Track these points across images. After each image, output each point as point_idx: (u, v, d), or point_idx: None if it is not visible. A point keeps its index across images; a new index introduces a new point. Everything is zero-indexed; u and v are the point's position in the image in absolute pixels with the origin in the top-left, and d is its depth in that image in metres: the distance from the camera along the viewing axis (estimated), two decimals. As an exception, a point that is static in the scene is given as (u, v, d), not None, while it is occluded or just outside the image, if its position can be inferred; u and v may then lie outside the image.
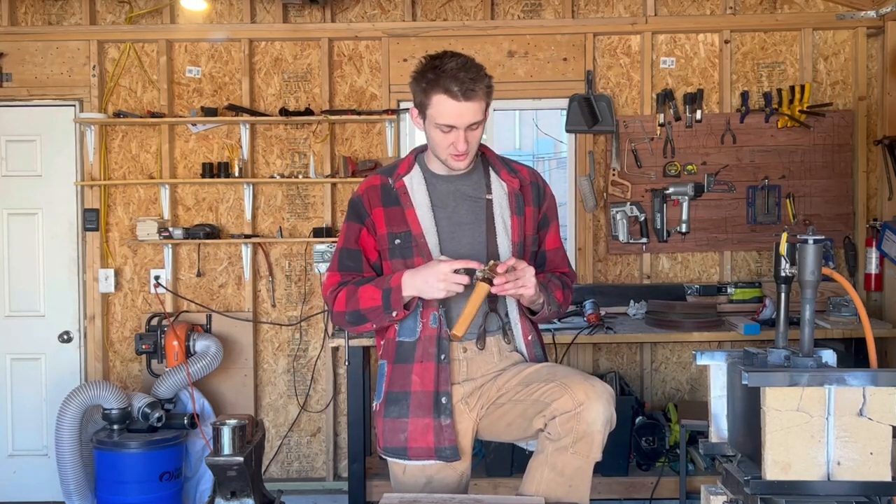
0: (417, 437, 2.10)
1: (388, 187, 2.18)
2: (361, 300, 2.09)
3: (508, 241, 2.16)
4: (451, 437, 2.09)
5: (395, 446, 2.13)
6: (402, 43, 4.38)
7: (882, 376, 1.78)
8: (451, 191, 2.18)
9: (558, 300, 2.19)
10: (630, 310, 4.21)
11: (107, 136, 4.41)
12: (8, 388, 4.41)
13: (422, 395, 2.10)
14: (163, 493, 3.85)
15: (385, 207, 2.16)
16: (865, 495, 1.80)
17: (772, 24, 4.35)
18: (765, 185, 4.34)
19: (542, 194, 2.27)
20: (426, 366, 2.11)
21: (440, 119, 2.03)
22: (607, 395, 1.99)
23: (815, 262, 1.91)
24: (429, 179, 2.19)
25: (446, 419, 2.09)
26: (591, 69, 4.35)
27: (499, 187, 2.20)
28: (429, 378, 2.10)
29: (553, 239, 2.30)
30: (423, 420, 2.10)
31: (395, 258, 2.14)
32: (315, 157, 4.35)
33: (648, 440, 4.04)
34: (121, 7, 4.40)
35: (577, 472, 2.01)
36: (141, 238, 4.28)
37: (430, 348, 2.11)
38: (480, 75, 2.03)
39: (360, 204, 2.19)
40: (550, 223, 2.28)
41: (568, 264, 2.34)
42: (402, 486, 2.19)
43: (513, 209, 2.18)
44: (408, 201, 2.15)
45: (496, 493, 3.79)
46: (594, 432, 1.96)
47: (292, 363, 4.46)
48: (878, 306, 4.30)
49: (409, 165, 2.22)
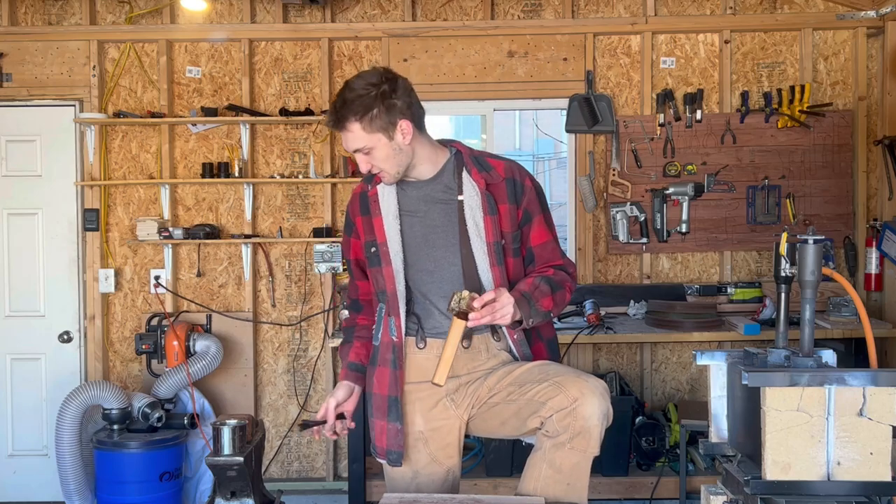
0: (378, 437, 2.21)
1: (364, 195, 2.25)
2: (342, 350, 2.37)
3: (482, 243, 2.13)
4: (399, 443, 2.17)
5: (373, 443, 2.25)
6: (402, 43, 4.38)
7: (882, 376, 1.78)
8: (421, 196, 2.18)
9: (545, 308, 2.10)
10: (630, 310, 4.21)
11: (107, 136, 4.41)
12: (8, 388, 4.41)
13: (379, 398, 2.19)
14: (163, 493, 3.85)
15: (362, 216, 2.24)
16: (865, 495, 1.80)
17: (772, 24, 4.35)
18: (765, 185, 4.34)
19: (521, 189, 2.17)
20: (382, 370, 2.19)
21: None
22: (601, 389, 1.99)
23: (815, 262, 1.91)
24: (400, 186, 2.20)
25: (400, 424, 2.17)
26: (591, 69, 4.35)
27: (470, 187, 2.15)
28: (384, 381, 2.18)
29: (539, 234, 2.20)
30: (380, 422, 2.20)
31: (372, 266, 2.21)
32: (315, 157, 4.35)
33: (648, 440, 4.04)
34: (121, 7, 4.40)
35: (575, 468, 2.01)
36: (141, 238, 4.28)
37: (386, 354, 2.18)
38: (351, 105, 2.05)
39: (348, 214, 2.32)
40: (533, 217, 2.19)
41: (561, 255, 2.24)
42: (391, 480, 2.25)
43: (485, 209, 2.13)
44: (377, 209, 2.19)
45: (496, 493, 3.79)
46: (591, 427, 1.96)
47: (292, 363, 4.46)
48: (878, 306, 4.30)
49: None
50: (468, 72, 4.38)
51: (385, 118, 2.06)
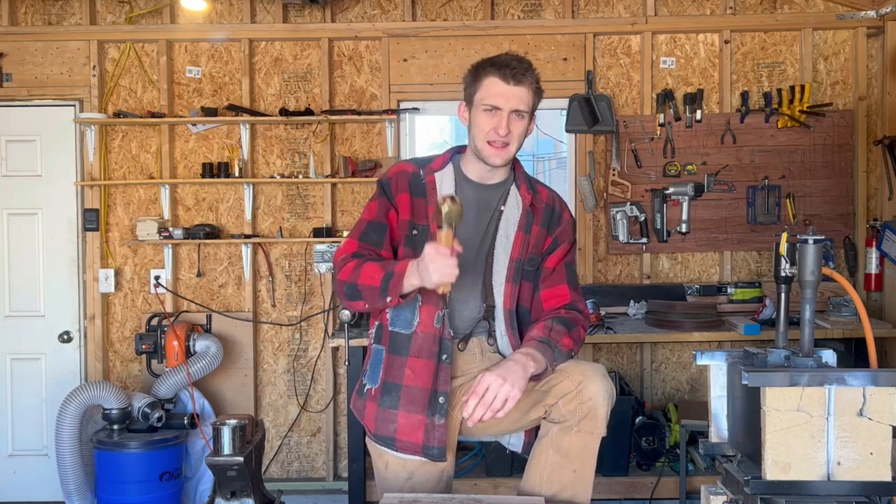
0: (407, 432, 2.10)
1: (418, 177, 2.17)
2: (362, 276, 2.02)
3: (506, 257, 2.14)
4: (441, 438, 2.09)
5: (385, 435, 2.14)
6: (402, 43, 4.38)
7: (882, 376, 1.78)
8: (476, 199, 2.17)
9: (567, 348, 2.08)
10: (630, 310, 4.21)
11: (107, 136, 4.41)
12: (8, 388, 4.41)
13: (415, 390, 2.10)
14: (163, 493, 3.85)
15: (412, 196, 2.16)
16: (865, 495, 1.80)
17: (772, 24, 4.35)
18: (765, 185, 4.34)
19: (558, 218, 2.22)
20: (425, 363, 2.10)
21: (487, 99, 2.06)
22: (602, 370, 2.04)
23: (815, 262, 1.91)
24: (459, 182, 2.17)
25: (440, 419, 2.09)
26: (591, 69, 4.35)
27: (514, 201, 2.18)
28: (426, 375, 2.09)
29: (555, 258, 2.22)
30: (414, 416, 2.09)
31: (407, 246, 2.13)
32: (315, 157, 4.35)
33: (648, 440, 4.04)
34: (121, 7, 4.40)
35: (582, 451, 2.02)
36: (141, 238, 4.28)
37: (431, 346, 2.10)
38: (531, 69, 2.08)
39: (388, 185, 2.18)
40: (559, 245, 2.22)
41: (571, 289, 2.21)
42: (385, 481, 2.20)
43: (521, 224, 2.16)
44: (434, 197, 2.13)
45: (496, 493, 3.80)
46: (597, 406, 1.99)
47: (292, 363, 4.46)
48: (878, 306, 4.30)
49: (443, 162, 2.21)
50: (468, 72, 4.38)
51: (536, 101, 2.11)
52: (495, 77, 2.05)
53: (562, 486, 2.05)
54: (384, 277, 1.99)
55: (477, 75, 2.09)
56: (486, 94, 2.06)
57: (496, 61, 2.07)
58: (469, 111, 2.13)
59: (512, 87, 2.04)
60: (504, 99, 2.04)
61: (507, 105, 2.04)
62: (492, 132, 2.06)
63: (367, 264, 2.04)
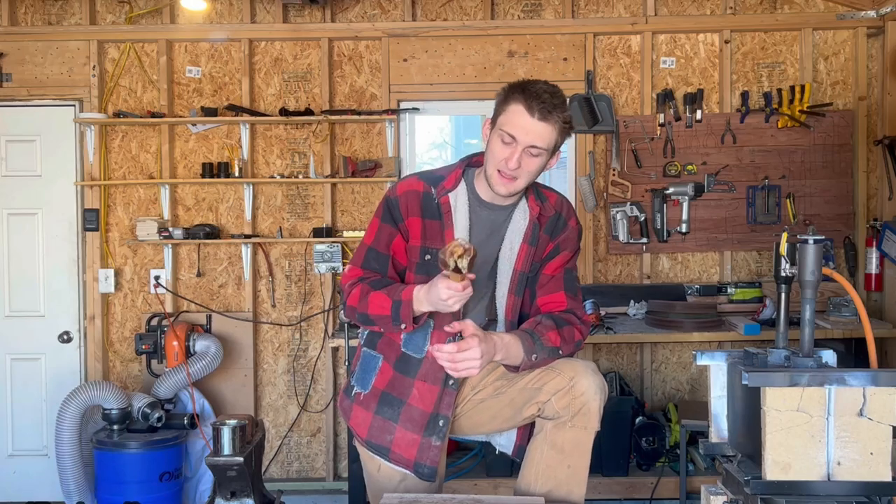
0: (402, 446, 2.12)
1: (430, 197, 2.09)
2: (371, 306, 2.02)
3: (510, 269, 2.12)
4: (434, 458, 2.11)
5: (380, 445, 2.15)
6: (402, 43, 4.38)
7: (882, 376, 1.78)
8: (489, 220, 2.12)
9: (552, 343, 2.02)
10: (630, 310, 4.21)
11: (107, 136, 4.41)
12: (8, 388, 4.41)
13: (416, 410, 2.11)
14: (163, 494, 3.85)
15: (423, 219, 2.08)
16: (865, 495, 1.80)
17: (772, 24, 4.35)
18: (765, 185, 4.34)
19: (563, 225, 2.16)
20: (430, 387, 2.10)
21: (506, 126, 1.96)
22: (592, 367, 2.05)
23: (815, 262, 1.91)
24: (472, 203, 2.11)
25: (437, 440, 2.10)
26: (591, 69, 4.35)
27: (521, 213, 2.13)
28: (430, 399, 2.11)
29: (554, 265, 2.15)
30: (410, 434, 2.11)
31: (419, 273, 2.07)
32: (315, 157, 4.35)
33: (648, 440, 4.03)
34: (121, 7, 4.40)
35: (577, 446, 2.03)
36: (141, 238, 4.27)
37: (437, 372, 2.08)
38: (561, 106, 1.96)
39: (396, 206, 2.09)
40: (560, 252, 2.16)
41: (569, 297, 2.14)
42: (377, 483, 2.22)
43: (526, 237, 2.12)
44: (449, 221, 2.07)
45: (496, 493, 3.79)
46: (590, 401, 2.00)
47: (292, 363, 4.46)
48: (878, 306, 4.30)
49: (456, 180, 2.11)
50: (468, 72, 4.38)
51: (560, 139, 2.01)
52: (521, 106, 1.95)
53: (557, 482, 2.05)
54: (392, 307, 1.99)
55: (507, 98, 1.99)
56: (507, 122, 1.97)
57: (527, 88, 1.96)
58: (491, 131, 2.04)
59: (535, 121, 1.94)
60: (523, 132, 1.95)
61: (525, 139, 1.95)
62: (502, 162, 1.99)
63: (373, 293, 2.03)
